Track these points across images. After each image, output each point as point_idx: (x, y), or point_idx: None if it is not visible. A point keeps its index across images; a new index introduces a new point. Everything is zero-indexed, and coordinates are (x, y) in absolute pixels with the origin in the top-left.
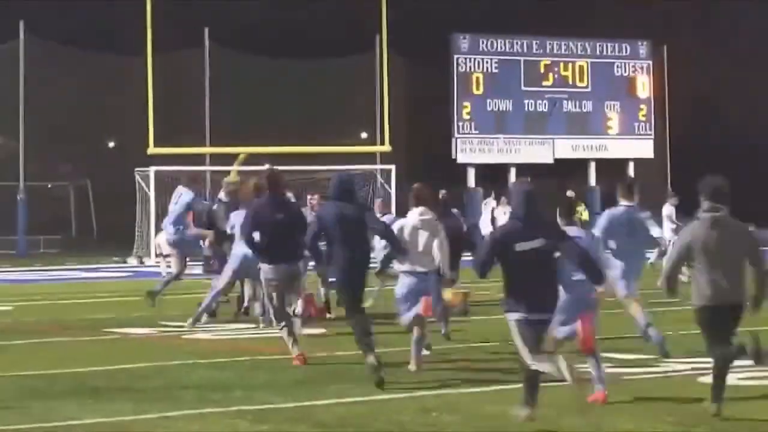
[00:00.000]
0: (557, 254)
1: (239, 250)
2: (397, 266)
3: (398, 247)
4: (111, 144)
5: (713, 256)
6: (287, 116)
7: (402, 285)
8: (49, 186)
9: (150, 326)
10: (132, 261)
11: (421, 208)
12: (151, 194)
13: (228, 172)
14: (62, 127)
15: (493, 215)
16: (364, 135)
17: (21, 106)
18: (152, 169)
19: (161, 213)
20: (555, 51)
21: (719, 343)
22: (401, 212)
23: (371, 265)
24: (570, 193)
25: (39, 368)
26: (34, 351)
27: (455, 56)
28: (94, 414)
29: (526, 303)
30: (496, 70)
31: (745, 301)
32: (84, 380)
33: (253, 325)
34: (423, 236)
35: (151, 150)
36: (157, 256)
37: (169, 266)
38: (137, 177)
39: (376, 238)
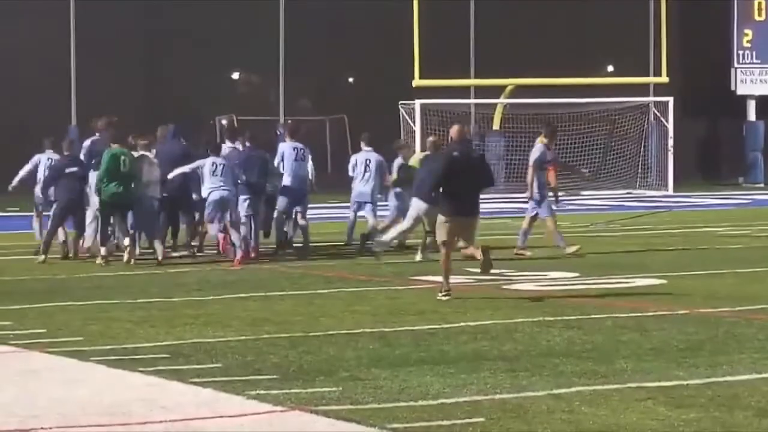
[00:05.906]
0: None
1: None
2: None
3: None
4: (351, 79)
5: None
6: (550, 46)
7: None
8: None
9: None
10: None
11: None
12: (417, 128)
13: (493, 105)
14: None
15: None
16: (610, 68)
17: (281, 40)
18: (417, 102)
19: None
20: None
21: None
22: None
23: None
24: None
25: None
26: (346, 300)
27: None
28: (463, 388)
29: None
30: None
31: None
32: (420, 339)
33: (575, 275)
34: None
35: (417, 82)
36: None
37: None
38: (401, 110)
39: None
